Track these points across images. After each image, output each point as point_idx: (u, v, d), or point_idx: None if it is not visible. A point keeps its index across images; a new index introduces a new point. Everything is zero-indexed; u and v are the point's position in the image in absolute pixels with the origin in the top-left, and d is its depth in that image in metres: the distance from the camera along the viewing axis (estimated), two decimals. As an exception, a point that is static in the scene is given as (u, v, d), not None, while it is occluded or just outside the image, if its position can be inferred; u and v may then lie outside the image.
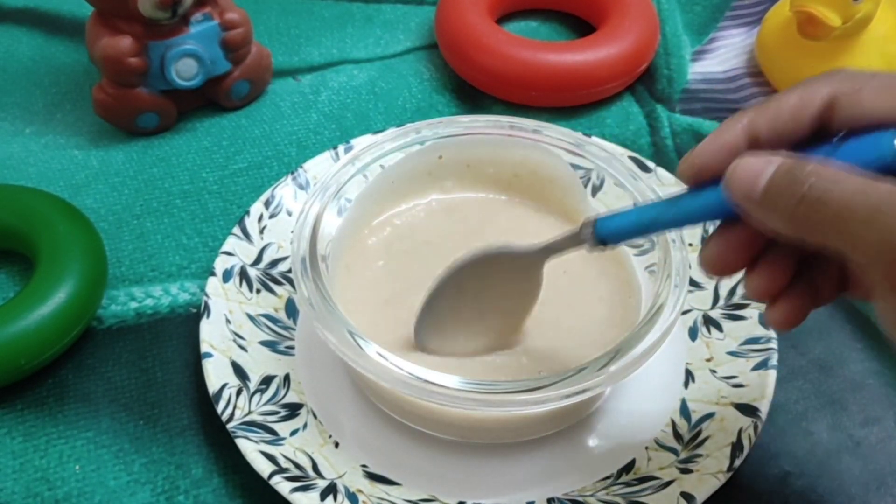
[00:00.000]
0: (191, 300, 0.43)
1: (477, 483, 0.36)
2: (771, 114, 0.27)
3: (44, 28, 0.58)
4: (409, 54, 0.56)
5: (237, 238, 0.42)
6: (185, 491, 0.36)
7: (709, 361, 0.39)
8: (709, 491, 0.34)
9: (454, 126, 0.41)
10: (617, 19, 0.53)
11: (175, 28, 0.46)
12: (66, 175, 0.48)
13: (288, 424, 0.37)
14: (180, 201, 0.47)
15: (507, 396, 0.32)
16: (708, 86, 0.55)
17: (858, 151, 0.25)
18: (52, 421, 0.38)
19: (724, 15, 0.60)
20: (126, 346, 0.41)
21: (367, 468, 0.36)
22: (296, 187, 0.44)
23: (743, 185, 0.26)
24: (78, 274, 0.39)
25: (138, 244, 0.45)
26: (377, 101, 0.53)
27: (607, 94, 0.53)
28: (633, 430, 0.37)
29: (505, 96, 0.53)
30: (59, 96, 0.53)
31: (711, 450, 0.35)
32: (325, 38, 0.58)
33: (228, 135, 0.51)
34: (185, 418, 0.38)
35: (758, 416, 0.36)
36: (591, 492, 0.35)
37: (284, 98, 0.53)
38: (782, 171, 0.25)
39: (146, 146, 0.50)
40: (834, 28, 0.47)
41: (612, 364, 0.32)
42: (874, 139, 0.25)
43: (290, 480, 0.34)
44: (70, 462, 0.37)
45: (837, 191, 0.24)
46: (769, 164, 0.26)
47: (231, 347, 0.38)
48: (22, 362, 0.38)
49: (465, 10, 0.53)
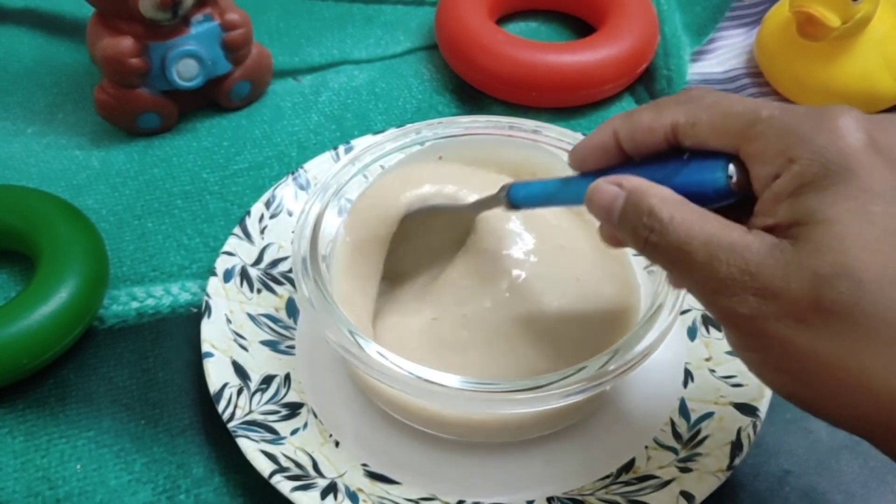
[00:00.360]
0: (192, 300, 0.43)
1: (477, 482, 0.36)
2: (629, 128, 0.30)
3: (45, 28, 0.58)
4: (409, 55, 0.57)
5: (238, 238, 0.42)
6: (186, 490, 0.36)
7: (708, 361, 0.39)
8: (708, 490, 0.34)
9: (454, 126, 0.41)
10: (616, 20, 0.53)
11: (176, 29, 0.47)
12: (68, 175, 0.48)
13: (288, 424, 0.37)
14: (181, 201, 0.47)
15: (507, 396, 0.32)
16: (707, 86, 0.55)
17: (697, 180, 0.28)
18: (53, 420, 0.38)
19: (724, 15, 0.60)
20: (127, 345, 0.41)
21: (368, 467, 0.36)
22: (296, 187, 0.44)
23: (600, 211, 0.29)
24: (79, 274, 0.39)
25: (139, 244, 0.45)
26: (377, 102, 0.53)
27: (607, 95, 0.53)
28: (633, 430, 0.37)
29: (505, 97, 0.53)
30: (61, 97, 0.53)
31: (711, 449, 0.35)
32: (325, 39, 0.58)
33: (229, 135, 0.51)
34: (186, 418, 0.38)
35: (757, 415, 0.36)
36: (590, 491, 0.35)
37: (285, 98, 0.53)
38: (629, 204, 0.28)
39: (147, 146, 0.50)
40: (833, 28, 0.47)
41: (611, 364, 0.33)
42: (710, 171, 0.27)
43: (290, 479, 0.34)
44: (71, 461, 0.37)
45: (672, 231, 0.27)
46: (617, 197, 0.29)
47: (232, 347, 0.38)
48: (23, 362, 0.38)
49: (465, 10, 0.53)
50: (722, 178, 0.27)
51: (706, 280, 0.26)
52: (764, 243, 0.25)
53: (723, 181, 0.27)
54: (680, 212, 0.27)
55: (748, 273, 0.25)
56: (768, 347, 0.26)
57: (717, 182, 0.27)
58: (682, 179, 0.28)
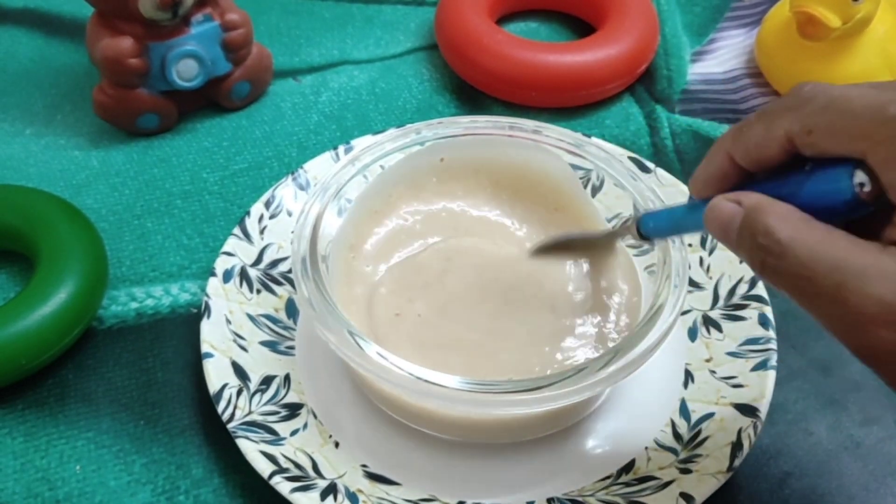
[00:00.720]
0: (191, 300, 0.43)
1: (477, 483, 0.36)
2: (742, 147, 0.28)
3: (44, 29, 0.58)
4: (409, 55, 0.57)
5: (238, 238, 0.42)
6: (186, 491, 0.36)
7: (708, 362, 0.39)
8: (708, 491, 0.34)
9: (454, 127, 0.41)
10: (617, 20, 0.53)
11: (176, 29, 0.46)
12: (67, 176, 0.48)
13: (288, 424, 0.37)
14: (181, 202, 0.47)
15: (507, 396, 0.32)
16: (707, 86, 0.55)
17: (822, 192, 0.25)
18: (52, 421, 0.38)
19: (724, 16, 0.60)
20: (127, 346, 0.41)
21: (368, 468, 0.36)
22: (296, 188, 0.44)
23: (717, 231, 0.27)
24: (78, 274, 0.39)
25: (139, 244, 0.45)
26: (377, 102, 0.53)
27: (607, 95, 0.53)
28: (633, 431, 0.37)
29: (505, 97, 0.53)
30: (60, 97, 0.53)
31: (711, 450, 0.35)
32: (325, 39, 0.58)
33: (229, 135, 0.51)
34: (186, 418, 0.38)
35: (757, 416, 0.36)
36: (590, 492, 0.35)
37: (285, 99, 0.53)
38: (746, 224, 0.26)
39: (147, 147, 0.50)
40: (834, 29, 0.47)
41: (611, 364, 0.32)
42: (834, 181, 0.25)
43: (290, 480, 0.34)
44: (71, 462, 0.37)
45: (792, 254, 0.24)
46: (735, 215, 0.26)
47: (231, 347, 0.38)
48: (23, 362, 0.38)
49: (465, 10, 0.53)
50: (848, 188, 0.24)
51: (835, 312, 0.23)
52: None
53: (849, 192, 0.24)
54: (801, 231, 0.24)
55: (883, 303, 0.22)
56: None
57: (843, 193, 0.24)
58: (805, 193, 0.25)
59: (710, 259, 0.42)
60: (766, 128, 0.26)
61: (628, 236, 0.35)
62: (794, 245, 0.24)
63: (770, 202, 0.26)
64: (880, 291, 0.23)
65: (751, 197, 0.26)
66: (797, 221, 0.25)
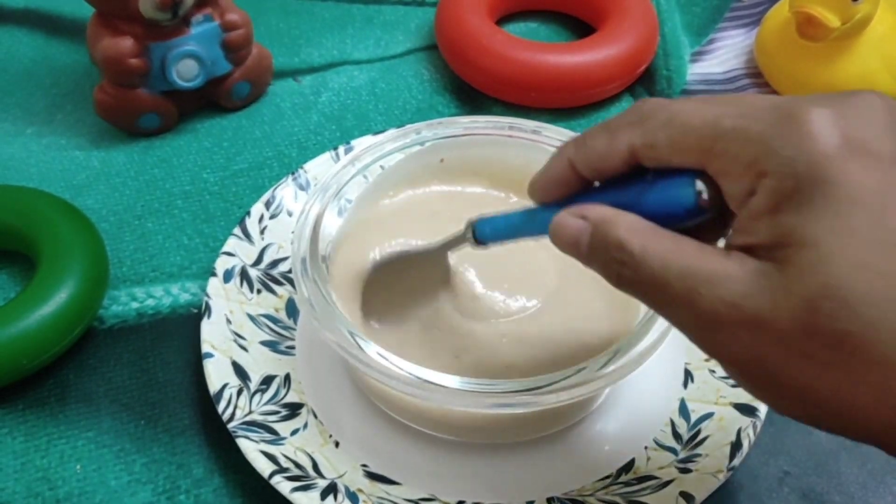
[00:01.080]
0: (192, 300, 0.43)
1: (477, 483, 0.36)
2: (584, 156, 0.28)
3: (45, 29, 0.58)
4: (409, 55, 0.57)
5: (238, 238, 0.42)
6: (186, 490, 0.36)
7: (708, 361, 0.39)
8: (708, 490, 0.34)
9: (454, 127, 0.41)
10: (616, 20, 0.53)
11: (176, 29, 0.47)
12: (67, 176, 0.48)
13: (288, 424, 0.37)
14: (181, 202, 0.47)
15: (507, 396, 0.32)
16: (707, 87, 0.55)
17: (664, 201, 0.26)
18: (53, 421, 0.38)
19: (724, 16, 0.60)
20: (127, 346, 0.41)
21: (368, 468, 0.36)
22: (296, 188, 0.44)
23: (566, 247, 0.28)
24: (79, 274, 0.39)
25: (139, 244, 0.45)
26: (377, 102, 0.53)
27: (607, 95, 0.53)
28: (633, 430, 0.37)
29: (505, 97, 0.53)
30: (60, 97, 0.53)
31: (710, 449, 0.35)
32: (325, 40, 0.58)
33: (229, 136, 0.51)
34: (186, 418, 0.38)
35: (757, 415, 0.36)
36: (590, 491, 0.35)
37: (285, 99, 0.53)
38: (596, 238, 0.27)
39: (147, 147, 0.50)
40: (833, 29, 0.47)
41: (611, 364, 0.33)
42: (677, 189, 0.26)
43: (290, 480, 0.34)
44: (71, 462, 0.37)
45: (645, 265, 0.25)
46: (583, 231, 0.27)
47: (232, 347, 0.38)
48: (23, 362, 0.38)
49: (465, 11, 0.53)
50: (691, 196, 0.25)
51: (689, 316, 0.25)
52: (746, 270, 0.24)
53: (692, 200, 0.25)
54: (651, 241, 0.25)
55: (733, 306, 0.23)
56: (763, 378, 0.24)
57: (686, 201, 0.26)
58: (648, 202, 0.26)
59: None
60: (609, 140, 0.27)
61: (464, 243, 0.35)
62: (647, 256, 0.25)
63: (616, 214, 0.26)
64: (728, 294, 0.24)
65: (595, 210, 0.27)
66: (646, 231, 0.26)
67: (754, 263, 0.24)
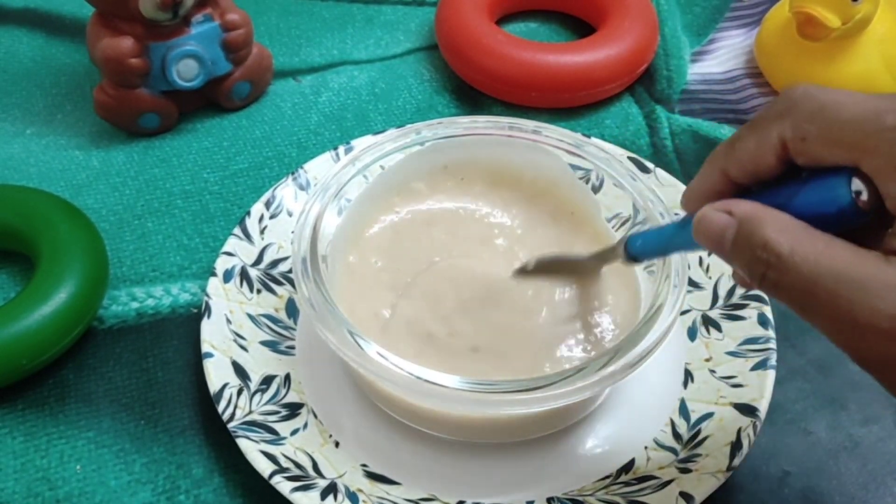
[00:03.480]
0: (192, 300, 0.43)
1: (477, 483, 0.36)
2: (736, 160, 0.27)
3: (45, 29, 0.58)
4: (409, 55, 0.57)
5: (238, 238, 0.42)
6: (186, 490, 0.36)
7: (708, 361, 0.39)
8: (708, 490, 0.34)
9: (454, 127, 0.41)
10: (616, 20, 0.53)
11: (176, 29, 0.47)
12: (67, 175, 0.48)
13: (288, 424, 0.37)
14: (181, 202, 0.47)
15: (507, 396, 0.32)
16: (707, 87, 0.55)
17: (817, 200, 0.25)
18: (53, 421, 0.38)
19: (724, 16, 0.60)
20: (127, 346, 0.41)
21: (368, 468, 0.36)
22: (296, 188, 0.44)
23: (709, 243, 0.26)
24: (79, 274, 0.39)
25: (139, 244, 0.45)
26: (377, 102, 0.53)
27: (607, 95, 0.53)
28: (633, 430, 0.37)
29: (505, 97, 0.53)
30: (60, 97, 0.53)
31: (710, 449, 0.35)
32: (325, 39, 0.58)
33: (229, 135, 0.51)
34: (186, 418, 0.38)
35: (757, 415, 0.36)
36: (590, 491, 0.35)
37: (285, 99, 0.53)
38: (741, 235, 0.25)
39: (147, 147, 0.50)
40: (833, 29, 0.47)
41: (611, 364, 0.33)
42: (831, 189, 0.24)
43: (290, 480, 0.34)
44: (71, 462, 0.37)
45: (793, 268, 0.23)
46: (728, 226, 0.25)
47: (232, 347, 0.38)
48: (23, 362, 0.38)
49: (465, 11, 0.53)
50: (845, 196, 0.23)
51: (839, 324, 0.23)
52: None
53: (846, 200, 0.23)
54: (801, 243, 0.23)
55: (889, 317, 0.22)
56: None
57: (841, 202, 0.23)
58: (800, 202, 0.25)
59: (709, 259, 0.42)
60: (759, 137, 0.26)
61: (616, 259, 0.34)
62: (796, 259, 0.23)
63: (765, 211, 0.25)
64: (886, 304, 0.22)
65: (742, 206, 0.25)
66: (796, 231, 0.24)
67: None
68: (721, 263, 0.41)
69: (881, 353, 0.23)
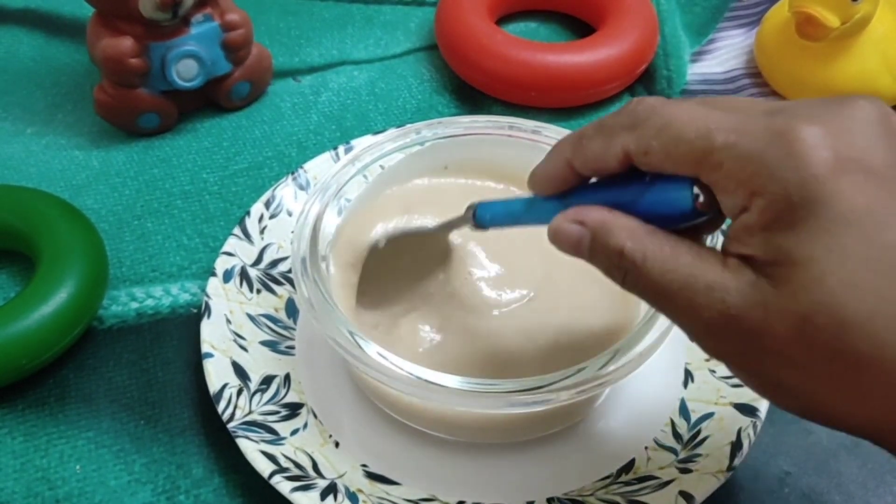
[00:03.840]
0: (191, 300, 0.43)
1: (477, 483, 0.36)
2: (581, 157, 0.28)
3: (45, 29, 0.58)
4: (409, 55, 0.57)
5: (238, 238, 0.42)
6: (186, 490, 0.36)
7: (708, 361, 0.39)
8: (708, 490, 0.34)
9: (454, 127, 0.41)
10: (616, 20, 0.53)
11: (176, 29, 0.47)
12: (67, 175, 0.48)
13: (288, 424, 0.37)
14: (181, 202, 0.47)
15: (507, 396, 0.32)
16: (707, 87, 0.55)
17: (661, 203, 0.27)
18: (52, 421, 0.38)
19: (724, 16, 0.60)
20: (127, 346, 0.41)
21: (367, 468, 0.36)
22: (296, 188, 0.44)
23: (568, 251, 0.29)
24: (79, 274, 0.39)
25: (139, 244, 0.45)
26: (377, 102, 0.53)
27: (607, 95, 0.53)
28: (633, 430, 0.37)
29: (505, 97, 0.53)
30: (60, 97, 0.53)
31: (711, 449, 0.35)
32: (325, 39, 0.58)
33: (229, 135, 0.51)
34: (186, 418, 0.38)
35: (757, 415, 0.36)
36: (590, 491, 0.35)
37: (285, 99, 0.53)
38: (597, 244, 0.27)
39: (147, 147, 0.50)
40: (832, 29, 0.47)
41: (611, 364, 0.33)
42: (674, 192, 0.26)
43: (290, 480, 0.34)
44: (71, 462, 0.37)
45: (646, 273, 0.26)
46: (582, 237, 0.28)
47: (231, 347, 0.38)
48: (23, 362, 0.38)
49: (465, 11, 0.53)
50: (688, 199, 0.26)
51: (689, 321, 0.26)
52: (742, 282, 0.24)
53: (689, 203, 0.26)
54: (651, 249, 0.26)
55: (730, 316, 0.24)
56: (761, 380, 0.25)
57: (683, 204, 0.26)
58: (646, 203, 0.27)
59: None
60: (604, 144, 0.28)
61: (464, 224, 0.35)
62: (646, 263, 0.26)
63: (614, 218, 0.27)
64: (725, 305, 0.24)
65: (592, 215, 0.28)
66: (644, 238, 0.26)
67: (750, 275, 0.24)
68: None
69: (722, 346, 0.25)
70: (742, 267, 0.25)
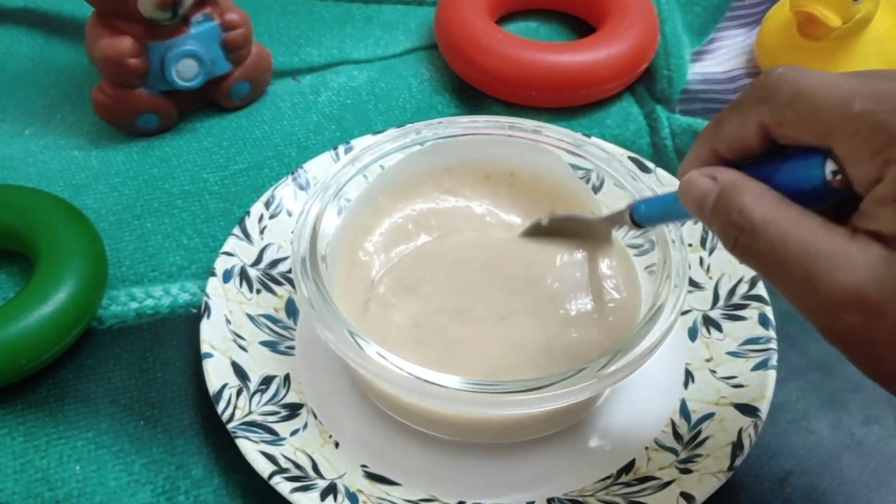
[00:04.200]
0: (191, 300, 0.43)
1: (477, 483, 0.36)
2: (723, 140, 0.28)
3: (43, 29, 0.58)
4: (409, 55, 0.56)
5: (237, 238, 0.42)
6: (186, 491, 0.36)
7: (708, 362, 0.39)
8: (709, 491, 0.34)
9: (454, 126, 0.41)
10: (617, 20, 0.53)
11: (175, 29, 0.46)
12: (66, 175, 0.48)
13: (288, 424, 0.37)
14: (181, 202, 0.47)
15: (507, 396, 0.32)
16: (708, 86, 0.55)
17: (793, 178, 0.26)
18: (52, 421, 0.38)
19: (724, 15, 0.60)
20: (126, 346, 0.41)
21: (367, 468, 0.36)
22: (296, 188, 0.44)
23: (692, 205, 0.28)
24: (78, 274, 0.39)
25: (139, 244, 0.45)
26: (377, 102, 0.53)
27: (607, 95, 0.53)
28: (633, 431, 0.37)
29: (505, 97, 0.53)
30: (59, 97, 0.53)
31: (711, 450, 0.35)
32: (325, 39, 0.58)
33: (229, 135, 0.51)
34: (186, 418, 0.38)
35: (758, 415, 0.36)
36: (590, 492, 0.35)
37: (284, 99, 0.53)
38: (721, 200, 0.26)
39: (146, 147, 0.50)
40: (834, 28, 0.47)
41: (612, 364, 0.32)
42: (807, 168, 0.25)
43: (290, 480, 0.34)
44: (70, 462, 0.37)
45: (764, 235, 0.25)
46: (710, 191, 0.27)
47: (231, 348, 0.38)
48: (22, 362, 0.38)
49: (465, 10, 0.53)
50: (819, 175, 0.25)
51: (802, 293, 0.24)
52: (869, 255, 0.23)
53: (820, 179, 0.25)
54: (775, 212, 0.25)
55: (852, 290, 0.23)
56: (870, 359, 0.24)
57: (815, 180, 0.25)
58: (780, 177, 0.26)
59: (710, 259, 0.42)
60: (740, 120, 0.27)
61: (623, 223, 0.35)
62: (767, 226, 0.25)
63: (745, 180, 0.26)
64: (848, 277, 0.23)
65: (726, 174, 0.27)
66: (771, 201, 0.25)
67: (878, 250, 0.23)
68: (722, 264, 0.41)
69: (840, 323, 0.24)
70: (871, 241, 0.23)
